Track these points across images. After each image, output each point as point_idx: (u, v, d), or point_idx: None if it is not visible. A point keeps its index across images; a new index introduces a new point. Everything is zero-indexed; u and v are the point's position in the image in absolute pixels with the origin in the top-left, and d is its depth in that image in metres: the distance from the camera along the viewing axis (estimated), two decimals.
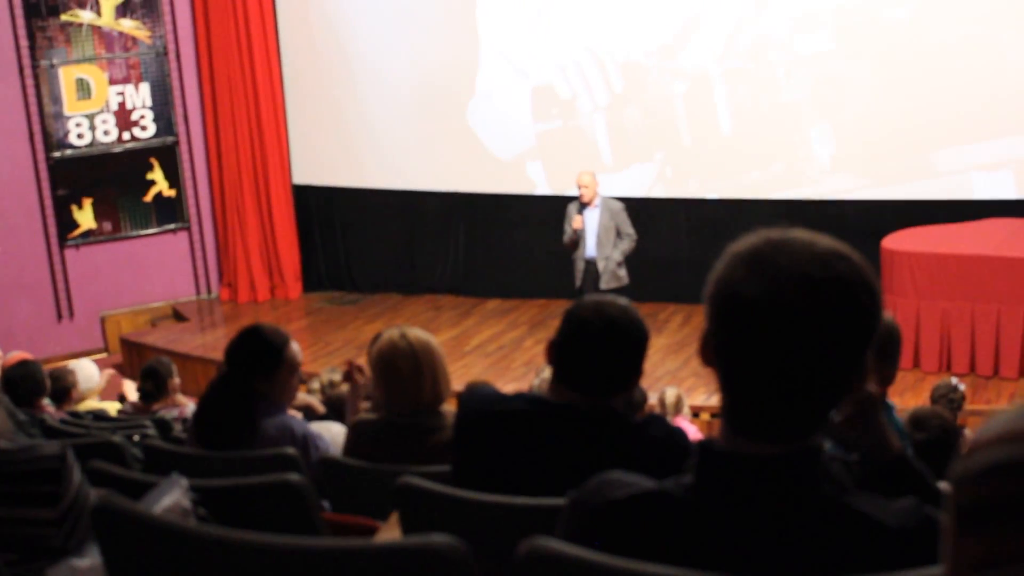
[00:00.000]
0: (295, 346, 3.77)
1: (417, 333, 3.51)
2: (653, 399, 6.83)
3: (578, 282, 9.16)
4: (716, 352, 1.40)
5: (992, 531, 0.88)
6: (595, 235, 9.03)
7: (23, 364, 5.90)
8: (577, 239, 9.08)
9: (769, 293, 1.32)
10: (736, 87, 10.30)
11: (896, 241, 8.89)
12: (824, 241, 1.37)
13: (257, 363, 3.66)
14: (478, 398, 2.52)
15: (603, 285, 8.90)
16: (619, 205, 9.09)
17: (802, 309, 1.32)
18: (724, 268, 1.38)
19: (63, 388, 6.32)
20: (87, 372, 6.79)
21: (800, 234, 1.37)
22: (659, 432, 2.31)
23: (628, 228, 9.05)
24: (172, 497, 2.35)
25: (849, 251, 1.37)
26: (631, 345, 2.36)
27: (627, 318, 2.36)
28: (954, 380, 6.28)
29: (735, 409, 1.41)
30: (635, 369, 2.37)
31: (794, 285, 1.32)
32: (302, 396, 6.02)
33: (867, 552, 1.36)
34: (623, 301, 2.43)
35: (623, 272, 9.11)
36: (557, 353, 2.38)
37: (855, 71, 9.85)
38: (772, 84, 10.16)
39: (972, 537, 0.89)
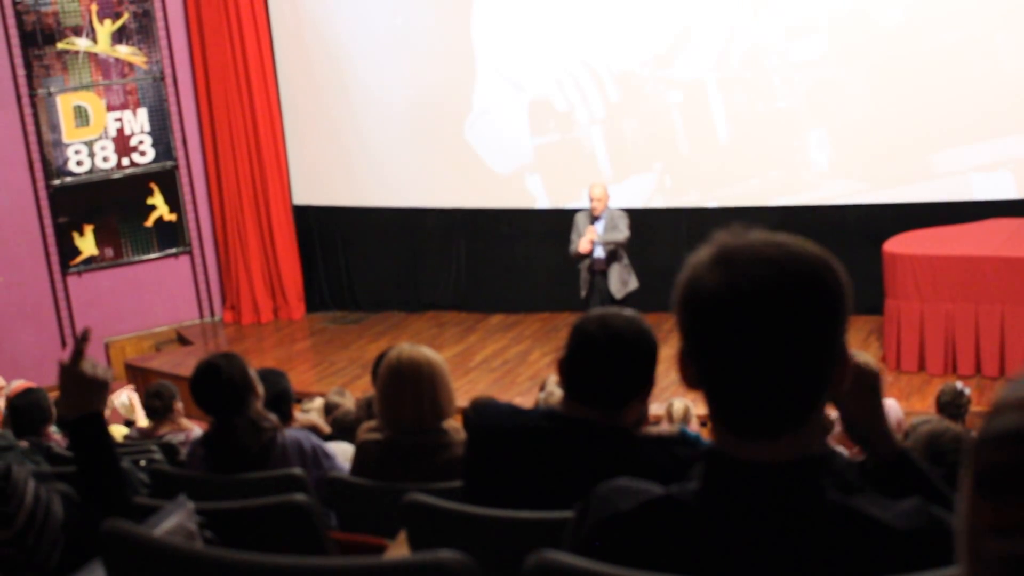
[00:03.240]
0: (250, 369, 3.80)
1: (422, 350, 3.51)
2: (660, 410, 6.81)
3: (584, 292, 9.17)
4: (692, 357, 1.39)
5: (1008, 498, 0.87)
6: (602, 246, 9.05)
7: (28, 392, 5.90)
8: (589, 250, 9.10)
9: (730, 279, 1.33)
10: (732, 95, 10.32)
11: (898, 244, 8.88)
12: (782, 235, 1.39)
13: (234, 399, 3.68)
14: (494, 411, 2.50)
15: (616, 292, 8.94)
16: (621, 212, 9.12)
17: (765, 289, 1.32)
18: (685, 273, 1.40)
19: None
20: None
21: (757, 231, 1.39)
22: (674, 447, 2.30)
23: (623, 227, 9.06)
24: (175, 519, 2.34)
25: (806, 241, 1.39)
26: (638, 356, 2.34)
27: (632, 329, 2.35)
28: (959, 385, 6.25)
29: (721, 410, 1.40)
30: (645, 380, 2.36)
31: (755, 267, 1.33)
32: (307, 417, 6.02)
33: (876, 556, 1.36)
34: (629, 312, 2.42)
35: (632, 278, 9.13)
36: (566, 369, 2.38)
37: (850, 75, 9.86)
38: (768, 91, 10.17)
39: (989, 501, 0.88)
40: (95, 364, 2.39)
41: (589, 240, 8.98)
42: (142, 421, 7.11)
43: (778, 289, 1.32)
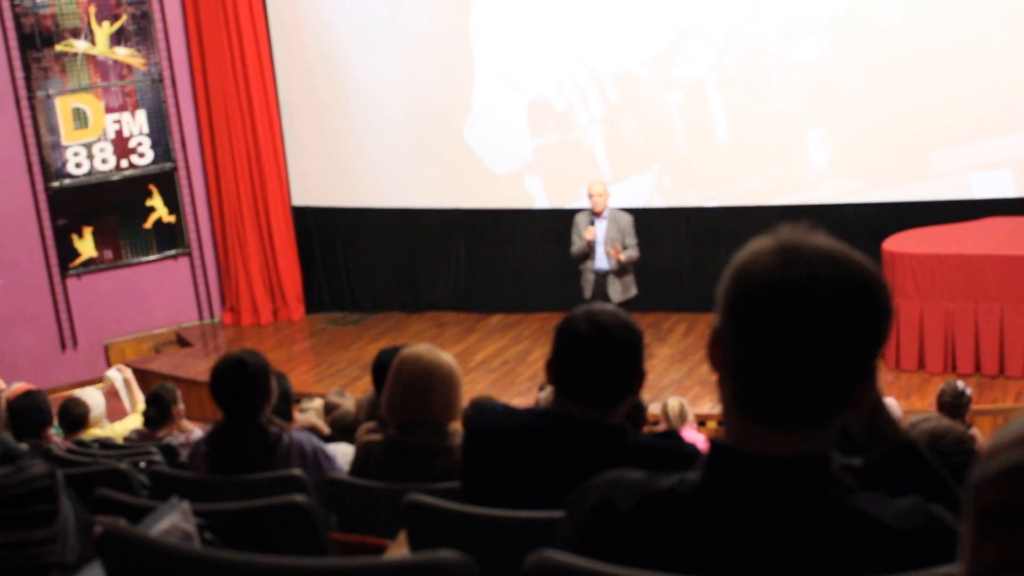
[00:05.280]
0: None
1: (438, 351, 3.50)
2: (656, 409, 6.81)
3: (587, 294, 9.13)
4: (728, 337, 1.38)
5: (1010, 534, 0.88)
6: (603, 246, 9.01)
7: (28, 395, 5.90)
8: (588, 250, 9.06)
9: (790, 265, 1.33)
10: (731, 95, 10.31)
11: (897, 243, 8.88)
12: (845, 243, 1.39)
13: (254, 396, 3.68)
14: (487, 412, 2.51)
15: (615, 298, 8.88)
16: (628, 218, 9.06)
17: (821, 283, 1.32)
18: (743, 255, 1.38)
19: (78, 416, 6.32)
20: (94, 400, 6.79)
21: (821, 232, 1.40)
22: (669, 444, 2.31)
23: (631, 242, 9.03)
24: (170, 520, 2.34)
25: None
26: (628, 349, 2.35)
27: (618, 322, 2.36)
28: (960, 384, 6.24)
29: (743, 394, 1.39)
30: (636, 372, 2.37)
31: (817, 261, 1.34)
32: (306, 418, 6.02)
33: (874, 554, 1.36)
34: (610, 307, 2.44)
35: (633, 286, 9.10)
36: (556, 370, 2.38)
37: (849, 75, 9.85)
38: (767, 91, 10.17)
39: (990, 540, 0.89)
40: None
41: (606, 262, 8.94)
42: (139, 406, 7.11)
43: (834, 287, 1.32)
